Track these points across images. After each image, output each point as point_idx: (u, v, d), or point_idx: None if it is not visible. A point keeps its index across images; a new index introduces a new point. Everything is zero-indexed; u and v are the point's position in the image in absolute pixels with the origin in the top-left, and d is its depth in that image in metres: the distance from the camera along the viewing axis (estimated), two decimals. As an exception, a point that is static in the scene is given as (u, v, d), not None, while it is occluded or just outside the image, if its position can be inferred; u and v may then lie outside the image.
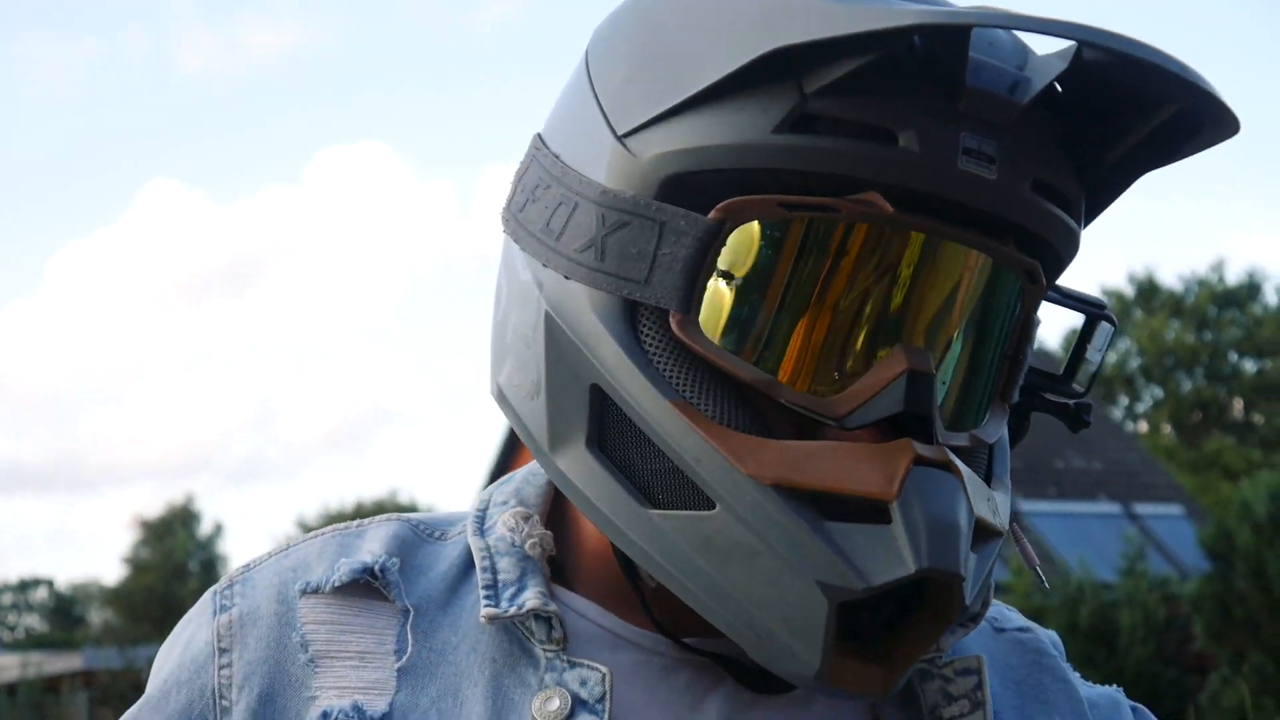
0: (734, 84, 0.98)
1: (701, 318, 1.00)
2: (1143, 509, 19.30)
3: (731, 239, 0.99)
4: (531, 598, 1.08)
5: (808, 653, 0.96)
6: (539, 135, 1.14)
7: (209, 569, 48.47)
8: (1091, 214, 1.11)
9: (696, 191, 1.00)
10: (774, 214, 0.98)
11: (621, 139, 1.04)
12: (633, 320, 1.02)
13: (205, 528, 54.69)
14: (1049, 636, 1.30)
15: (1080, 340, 1.19)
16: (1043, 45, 1.03)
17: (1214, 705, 7.83)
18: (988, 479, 1.09)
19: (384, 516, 1.23)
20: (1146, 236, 74.31)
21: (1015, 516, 1.15)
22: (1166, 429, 38.74)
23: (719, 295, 1.00)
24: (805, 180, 0.97)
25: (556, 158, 1.09)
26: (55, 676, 20.64)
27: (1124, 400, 39.11)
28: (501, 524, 1.16)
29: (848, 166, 0.97)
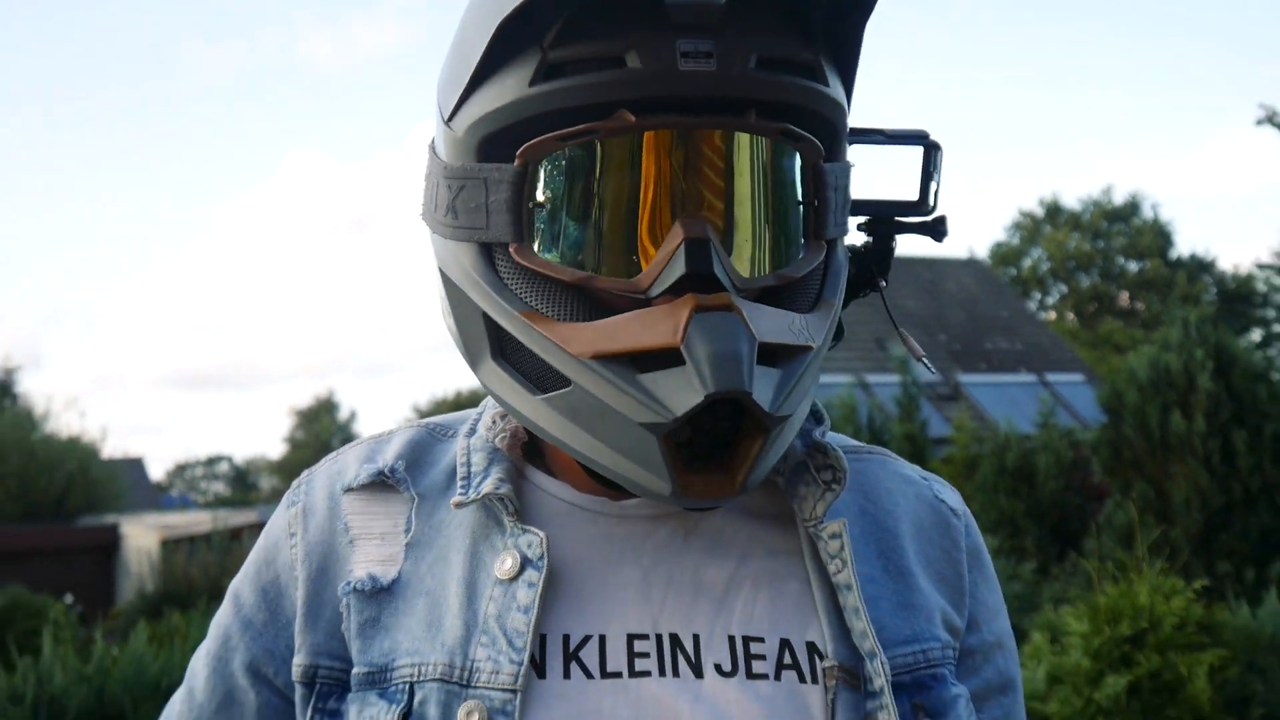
0: (494, 57, 0.98)
1: (536, 242, 1.00)
2: (1053, 378, 19.23)
3: (540, 175, 0.99)
4: (489, 485, 1.08)
5: (659, 479, 0.95)
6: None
7: (348, 442, 48.50)
8: (846, 71, 1.06)
9: (505, 146, 1.00)
10: (553, 148, 0.97)
11: (447, 123, 1.05)
12: (490, 258, 1.02)
13: (343, 414, 54.98)
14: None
15: (925, 168, 1.16)
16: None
17: (1109, 524, 7.82)
18: (815, 303, 1.05)
19: (408, 423, 1.24)
20: (1052, 169, 73.49)
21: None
22: (1070, 316, 38.47)
23: (541, 220, 1.00)
24: (575, 114, 0.96)
25: (431, 151, 1.10)
26: (237, 527, 20.69)
27: (1037, 295, 38.78)
28: (483, 425, 1.17)
29: (593, 95, 0.96)
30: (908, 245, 1.18)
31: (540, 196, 1.00)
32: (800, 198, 1.04)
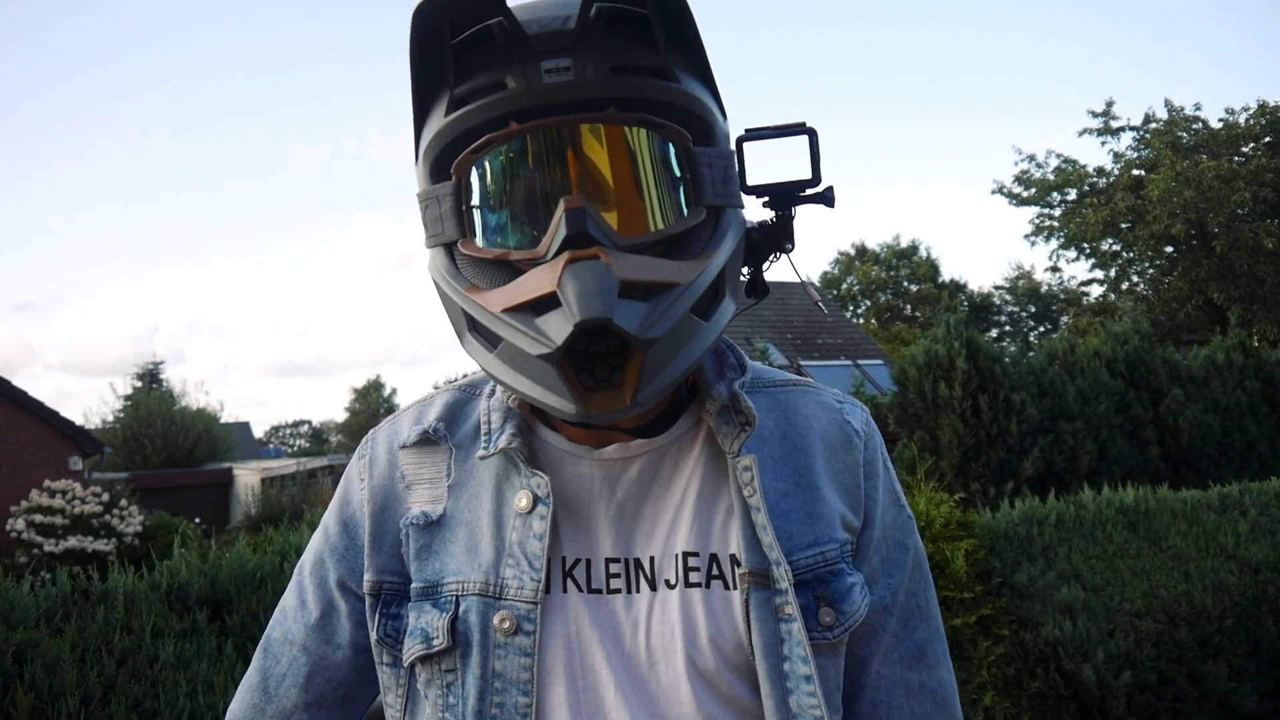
0: (422, 102, 0.92)
1: (477, 236, 0.91)
2: (863, 363, 19.41)
3: (470, 183, 0.91)
4: (504, 440, 0.98)
5: (565, 401, 0.86)
6: None
7: (390, 412, 48.44)
8: (703, 74, 0.94)
9: (446, 167, 0.92)
10: (470, 160, 0.90)
11: (417, 158, 0.95)
12: (450, 256, 0.93)
13: (387, 391, 54.55)
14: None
15: (812, 150, 1.03)
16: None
17: (899, 458, 7.89)
18: (699, 253, 0.91)
19: (449, 386, 1.11)
20: (860, 222, 74.27)
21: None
22: (874, 321, 38.81)
23: (476, 218, 0.92)
24: (479, 130, 0.89)
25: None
26: (312, 469, 20.49)
27: (851, 307, 39.11)
28: (499, 388, 1.05)
29: (487, 113, 0.88)
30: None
31: (475, 200, 0.91)
32: (677, 173, 0.91)
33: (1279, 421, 9.50)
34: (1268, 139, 18.32)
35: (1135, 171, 19.01)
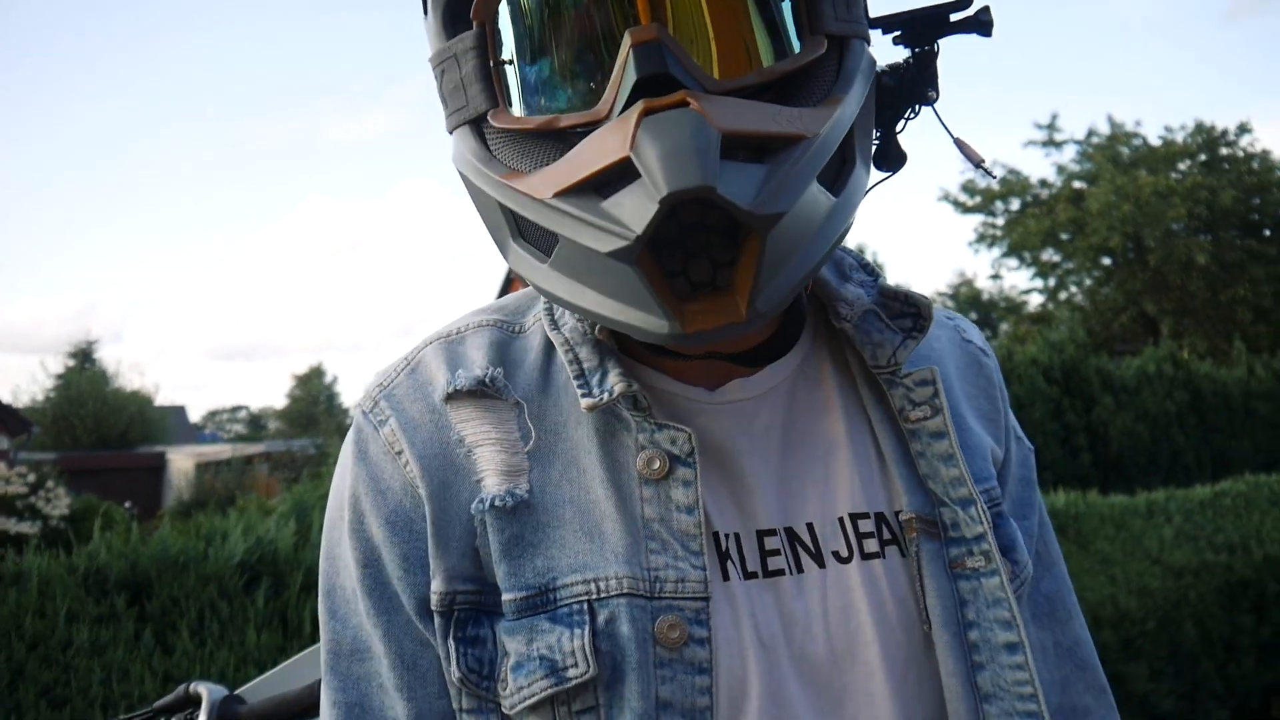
0: None
1: (513, 104, 0.69)
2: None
3: (499, 32, 0.69)
4: (617, 383, 0.71)
5: (654, 316, 0.61)
6: None
7: (330, 400, 47.97)
8: None
9: (464, 18, 0.70)
10: None
11: (425, 17, 0.74)
12: (480, 135, 0.70)
13: (328, 379, 54.14)
14: (993, 360, 0.88)
15: None
16: None
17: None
18: (824, 97, 0.66)
19: (475, 320, 0.80)
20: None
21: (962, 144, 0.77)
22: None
23: (510, 79, 0.69)
24: None
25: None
26: (250, 455, 20.26)
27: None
28: (568, 314, 0.77)
29: None
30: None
31: (505, 55, 0.69)
32: None
33: (1205, 432, 9.76)
34: (1203, 157, 18.83)
35: (1077, 184, 19.40)
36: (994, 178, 0.85)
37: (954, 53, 0.78)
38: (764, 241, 0.59)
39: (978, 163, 0.79)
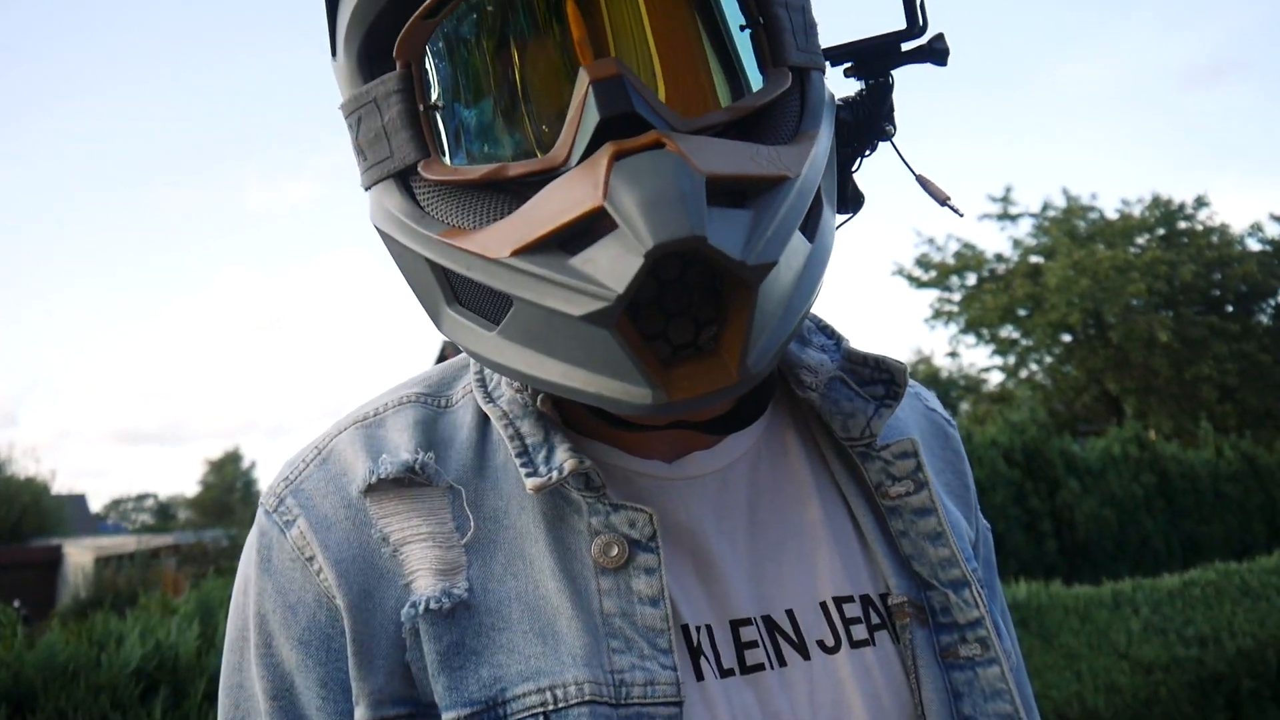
0: None
1: (445, 152, 0.64)
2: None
3: (426, 72, 0.64)
4: (567, 459, 0.66)
5: (635, 385, 0.56)
6: None
7: (247, 487, 47.14)
8: None
9: (383, 57, 0.64)
10: (425, 31, 0.62)
11: (334, 51, 0.69)
12: (407, 189, 0.65)
13: (245, 464, 53.21)
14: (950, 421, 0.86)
15: None
16: None
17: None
18: (794, 134, 0.64)
19: (395, 397, 0.74)
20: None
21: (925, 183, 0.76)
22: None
23: (442, 125, 0.64)
24: None
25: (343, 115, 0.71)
26: (157, 548, 19.75)
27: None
28: (505, 385, 0.72)
29: None
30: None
31: (436, 98, 0.64)
32: (744, 20, 0.65)
33: (1174, 516, 9.93)
34: (1161, 231, 19.49)
35: (1033, 258, 19.93)
36: (960, 214, 0.81)
37: (903, 123, 0.78)
38: (755, 295, 0.56)
39: (942, 200, 0.77)
